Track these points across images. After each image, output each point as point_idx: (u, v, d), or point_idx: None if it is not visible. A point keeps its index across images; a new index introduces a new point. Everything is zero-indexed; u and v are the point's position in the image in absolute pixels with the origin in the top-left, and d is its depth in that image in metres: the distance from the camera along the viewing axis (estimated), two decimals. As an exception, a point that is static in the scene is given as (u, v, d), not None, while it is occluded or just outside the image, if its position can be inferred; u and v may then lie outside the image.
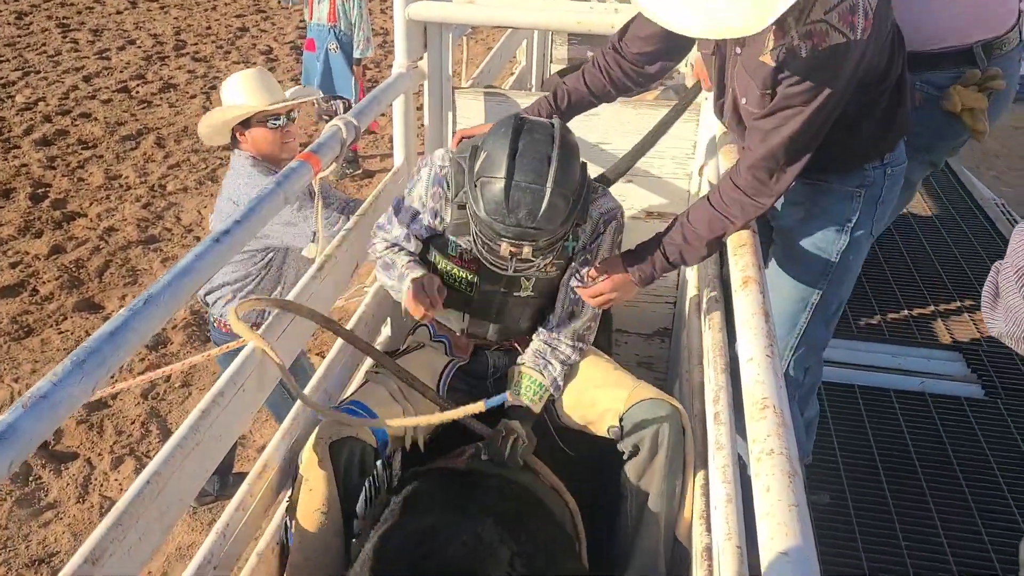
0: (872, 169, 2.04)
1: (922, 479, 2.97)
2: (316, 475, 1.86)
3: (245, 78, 2.79)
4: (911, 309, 4.07)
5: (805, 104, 1.70)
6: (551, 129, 1.88)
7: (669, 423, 1.97)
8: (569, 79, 2.29)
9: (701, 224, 1.92)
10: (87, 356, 1.26)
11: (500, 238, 1.86)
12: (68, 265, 5.37)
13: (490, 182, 1.83)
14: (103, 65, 9.49)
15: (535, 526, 1.75)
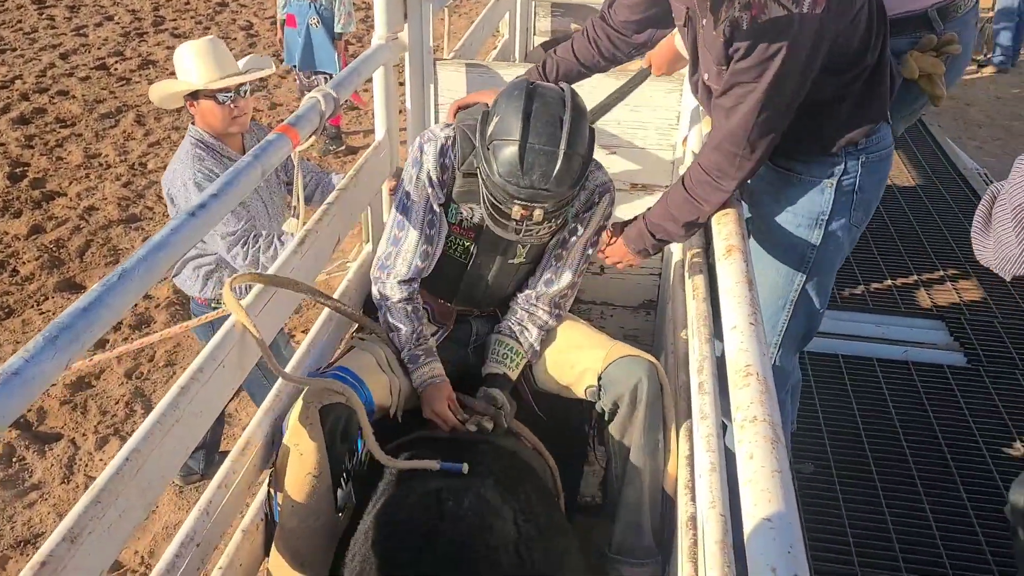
0: (844, 157, 1.96)
1: (905, 447, 2.99)
2: (306, 439, 1.84)
3: (193, 50, 2.70)
4: (894, 279, 4.09)
5: (756, 80, 1.68)
6: (562, 93, 1.90)
7: (647, 379, 2.01)
8: (559, 49, 2.28)
9: (676, 207, 1.93)
10: (59, 332, 1.23)
11: (513, 200, 1.88)
12: (48, 245, 5.30)
13: (504, 144, 1.84)
14: (80, 42, 9.34)
15: (528, 486, 1.78)
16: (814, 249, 2.03)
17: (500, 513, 1.64)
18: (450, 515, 1.59)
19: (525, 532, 1.64)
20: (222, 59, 2.72)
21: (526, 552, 1.60)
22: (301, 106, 2.19)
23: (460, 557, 1.52)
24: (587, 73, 2.29)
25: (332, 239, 2.37)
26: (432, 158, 2.08)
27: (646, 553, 2.08)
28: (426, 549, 1.54)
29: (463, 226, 2.14)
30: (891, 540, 2.61)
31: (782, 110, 1.73)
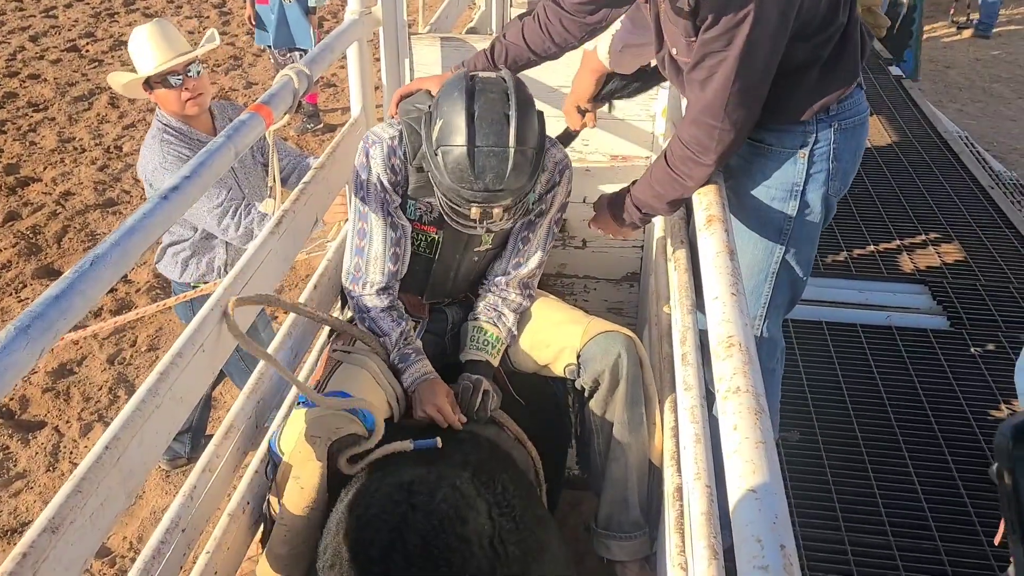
0: (815, 126, 1.89)
1: (890, 411, 3.01)
2: (310, 472, 1.76)
3: (140, 37, 2.63)
4: (877, 244, 4.10)
5: (725, 48, 1.64)
6: (504, 85, 1.84)
7: (626, 354, 2.00)
8: (509, 33, 2.19)
9: (659, 183, 1.89)
10: (32, 321, 1.21)
11: (468, 203, 1.83)
12: (25, 232, 5.24)
13: (451, 150, 1.79)
14: (50, 24, 9.17)
15: (507, 477, 1.75)
16: (791, 221, 1.98)
17: (474, 506, 1.61)
18: (421, 508, 1.56)
19: (500, 525, 1.62)
20: (171, 41, 2.64)
21: (501, 546, 1.58)
22: (274, 84, 2.16)
23: (430, 551, 1.50)
24: (537, 61, 2.20)
25: (310, 219, 2.35)
26: (380, 162, 2.00)
27: (633, 526, 2.09)
28: (395, 543, 1.51)
29: (423, 221, 2.08)
30: (877, 504, 2.63)
31: (757, 78, 1.69)
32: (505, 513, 1.64)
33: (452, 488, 1.60)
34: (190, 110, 2.67)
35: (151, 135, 2.70)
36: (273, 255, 2.08)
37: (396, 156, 2.01)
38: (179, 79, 2.62)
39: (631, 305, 3.30)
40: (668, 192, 1.87)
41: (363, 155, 2.03)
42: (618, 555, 2.10)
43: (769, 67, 1.69)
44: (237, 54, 8.25)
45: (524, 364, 2.18)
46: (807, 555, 2.44)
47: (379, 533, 1.53)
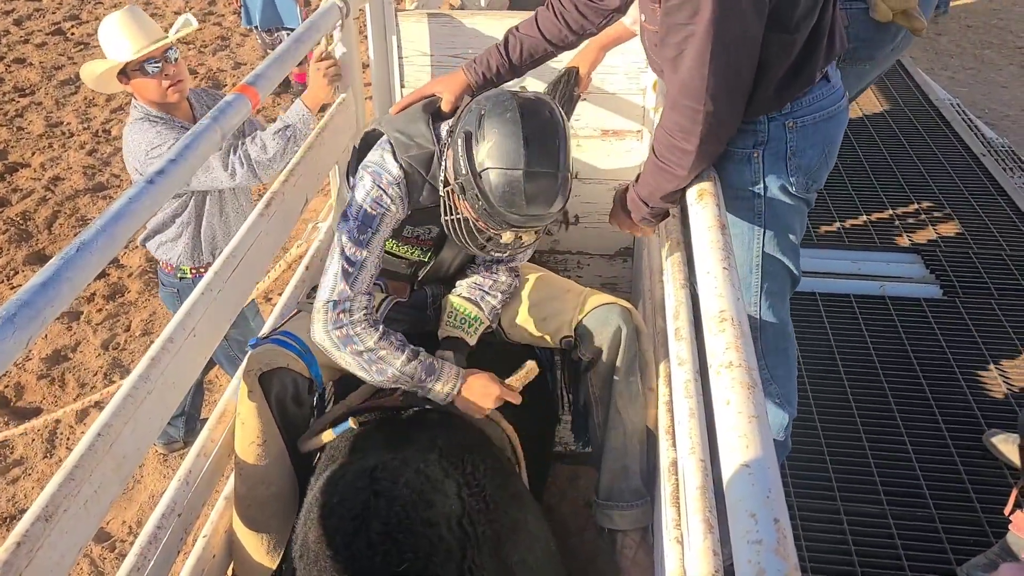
0: (767, 123, 1.81)
1: (883, 380, 3.02)
2: (247, 407, 1.83)
3: (110, 26, 2.56)
4: (869, 214, 4.10)
5: (691, 20, 1.55)
6: (550, 106, 1.77)
7: (624, 325, 1.99)
8: (522, 25, 2.10)
9: (653, 176, 1.81)
10: (18, 309, 1.20)
11: (510, 227, 1.76)
12: (15, 218, 5.20)
13: (503, 172, 1.68)
14: (34, 7, 9.05)
15: (477, 455, 1.74)
16: (760, 217, 1.92)
17: (441, 488, 1.59)
18: (384, 494, 1.54)
19: (470, 506, 1.60)
20: (144, 27, 2.56)
21: (471, 526, 1.57)
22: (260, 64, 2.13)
23: (394, 537, 1.48)
24: (554, 51, 2.12)
25: (300, 200, 2.33)
26: (399, 201, 1.89)
27: (634, 495, 2.09)
28: (359, 531, 1.50)
29: (420, 239, 2.05)
30: (871, 472, 2.65)
31: (737, 51, 1.60)
32: (475, 493, 1.63)
33: (416, 472, 1.59)
34: (171, 97, 2.61)
35: (134, 122, 2.63)
36: (264, 237, 2.07)
37: (410, 197, 1.92)
38: (157, 66, 2.56)
39: (625, 280, 3.29)
40: (662, 185, 1.80)
41: (377, 190, 1.87)
42: (620, 524, 2.11)
43: (749, 37, 1.60)
44: (224, 35, 8.16)
45: (518, 336, 2.16)
46: (802, 525, 2.46)
47: (342, 521, 1.52)
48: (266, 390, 1.84)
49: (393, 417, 1.88)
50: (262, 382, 1.84)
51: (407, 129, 1.92)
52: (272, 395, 1.84)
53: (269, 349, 1.87)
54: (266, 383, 1.84)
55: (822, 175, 1.91)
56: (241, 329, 3.01)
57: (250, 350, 1.90)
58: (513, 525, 1.68)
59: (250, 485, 1.87)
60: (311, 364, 1.91)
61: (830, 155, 1.89)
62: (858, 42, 2.18)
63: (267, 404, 1.84)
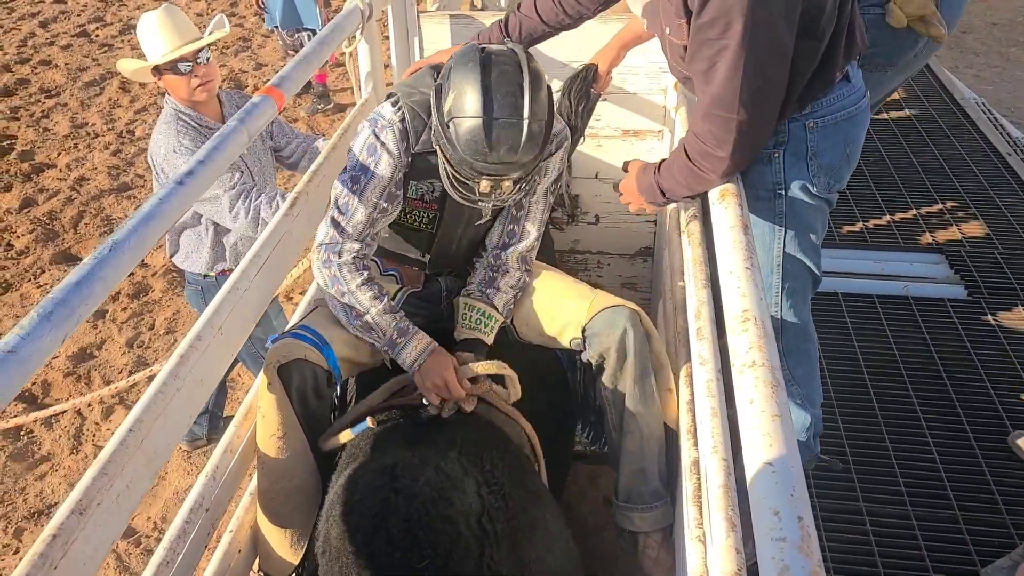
0: (787, 124, 1.82)
1: (907, 381, 3.00)
2: (267, 400, 1.86)
3: (149, 23, 2.63)
4: (893, 214, 4.06)
5: (723, 35, 1.56)
6: (516, 57, 1.81)
7: (632, 328, 1.99)
8: (523, 5, 2.17)
9: (681, 173, 1.83)
10: (54, 307, 1.22)
11: (480, 176, 1.81)
12: (41, 218, 5.27)
13: (465, 121, 1.76)
14: (60, 9, 9.17)
15: (496, 453, 1.75)
16: (781, 218, 1.93)
17: (460, 486, 1.60)
18: (403, 491, 1.56)
19: (488, 504, 1.61)
20: (180, 27, 2.64)
21: (489, 524, 1.58)
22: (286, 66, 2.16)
23: (414, 534, 1.50)
24: (551, 32, 2.18)
25: (323, 201, 2.35)
26: (394, 147, 1.95)
27: (653, 496, 2.09)
28: (379, 529, 1.52)
29: (425, 200, 2.07)
30: (895, 473, 2.63)
31: (770, 63, 1.61)
32: (494, 491, 1.64)
33: (436, 470, 1.60)
34: (199, 96, 2.67)
35: (164, 120, 2.70)
36: (288, 238, 2.10)
37: (407, 141, 1.98)
38: (188, 66, 2.62)
39: (645, 280, 3.30)
40: (691, 184, 1.82)
41: (372, 137, 1.96)
42: (640, 526, 2.11)
43: (782, 48, 1.60)
44: (246, 36, 8.23)
45: (529, 336, 2.18)
46: (825, 525, 2.45)
47: (363, 519, 1.54)
48: (286, 383, 1.87)
49: (413, 415, 1.90)
50: (281, 375, 1.86)
51: (413, 82, 2.03)
52: (292, 388, 1.87)
53: (286, 342, 1.90)
54: (285, 376, 1.87)
55: (844, 175, 1.90)
56: (264, 327, 3.04)
57: (270, 345, 1.93)
58: (532, 523, 1.69)
59: (273, 479, 1.90)
60: (329, 356, 1.93)
61: (852, 155, 1.89)
62: (876, 48, 2.16)
63: (287, 396, 1.87)
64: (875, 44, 2.16)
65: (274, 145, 2.97)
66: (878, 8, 2.21)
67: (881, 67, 2.29)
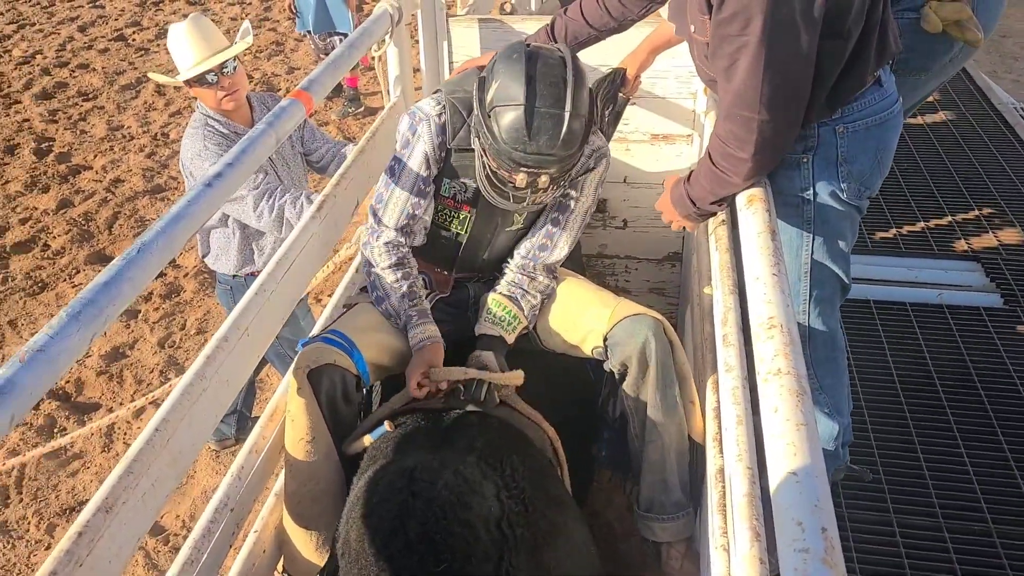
0: (816, 128, 1.79)
1: (940, 391, 2.95)
2: (296, 404, 1.87)
3: (177, 35, 2.67)
4: (927, 220, 4.00)
5: (742, 32, 1.54)
6: (562, 54, 1.84)
7: (654, 338, 1.98)
8: (570, 9, 2.18)
9: (707, 179, 1.81)
10: (82, 308, 1.24)
11: (519, 167, 1.81)
12: (77, 218, 5.36)
13: (507, 109, 1.77)
14: (98, 14, 9.33)
15: (518, 458, 1.74)
16: (809, 224, 1.90)
17: (479, 490, 1.59)
18: (422, 495, 1.55)
19: (508, 508, 1.60)
20: (207, 37, 2.67)
21: (509, 529, 1.57)
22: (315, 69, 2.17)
23: (431, 538, 1.49)
24: (598, 36, 2.19)
25: (351, 203, 2.37)
26: (428, 139, 2.00)
27: (676, 507, 2.08)
28: (396, 531, 1.51)
29: (458, 200, 2.08)
30: (927, 485, 2.59)
31: (792, 61, 1.58)
32: (514, 495, 1.63)
33: (455, 473, 1.59)
34: (227, 106, 2.70)
35: (192, 125, 2.74)
36: (315, 240, 2.11)
37: (444, 135, 2.01)
38: (215, 77, 2.65)
39: (673, 285, 3.28)
40: (716, 190, 1.80)
41: (409, 131, 2.03)
42: (662, 536, 2.10)
43: (803, 48, 1.58)
44: (279, 40, 8.31)
45: (552, 344, 2.17)
46: (854, 537, 2.41)
47: (381, 521, 1.54)
48: (315, 388, 1.87)
49: (434, 418, 1.90)
50: (311, 380, 1.87)
51: (458, 80, 2.07)
52: (322, 392, 1.87)
53: (317, 347, 1.91)
54: (315, 380, 1.87)
55: (875, 182, 1.87)
56: (292, 328, 3.06)
57: (300, 349, 1.93)
58: (552, 529, 1.68)
59: (300, 481, 1.90)
60: (358, 361, 1.94)
61: (883, 161, 1.85)
62: (910, 52, 2.13)
63: (316, 401, 1.87)
64: (909, 49, 2.13)
65: (304, 150, 2.99)
66: (912, 12, 2.18)
67: (915, 72, 2.26)
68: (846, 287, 2.00)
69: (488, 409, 1.94)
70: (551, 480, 1.88)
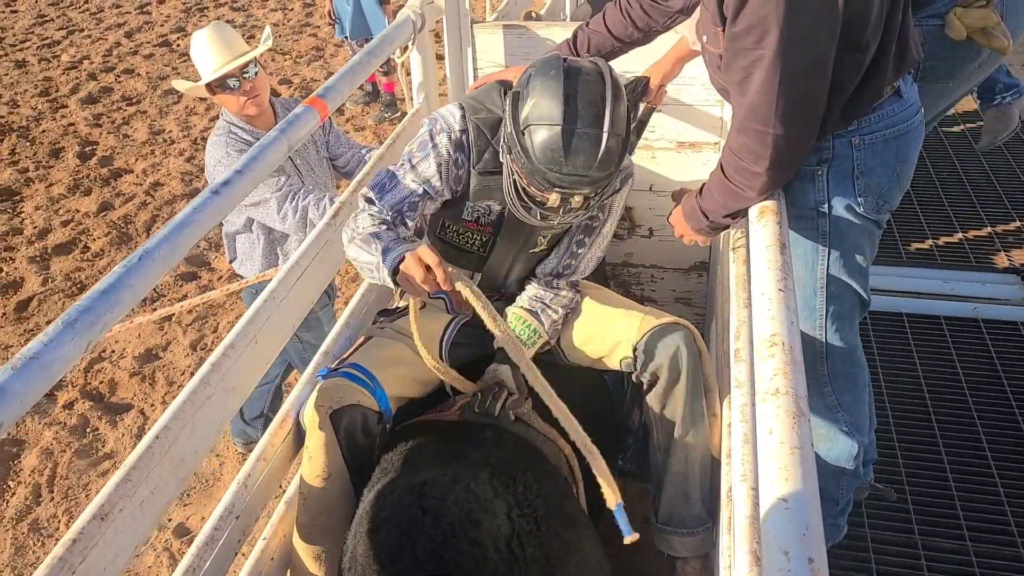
0: (831, 140, 1.75)
1: (972, 409, 2.86)
2: (316, 440, 1.83)
3: (198, 42, 2.69)
4: (965, 231, 3.88)
5: (757, 46, 1.50)
6: (599, 68, 1.77)
7: (685, 347, 1.93)
8: (592, 21, 2.14)
9: (719, 192, 1.76)
10: (79, 315, 1.25)
11: (553, 187, 1.75)
12: (117, 221, 5.46)
13: (543, 128, 1.70)
14: (144, 20, 9.53)
15: (532, 475, 1.71)
16: (824, 237, 1.84)
17: (489, 508, 1.56)
18: (431, 512, 1.53)
19: (519, 527, 1.57)
20: (229, 43, 2.69)
21: (519, 548, 1.54)
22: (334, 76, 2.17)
23: (440, 556, 1.47)
24: (622, 48, 2.13)
25: (368, 210, 2.36)
26: (444, 152, 1.92)
27: (696, 522, 2.04)
28: (404, 548, 1.49)
29: (481, 222, 2.03)
30: (955, 506, 2.50)
31: (809, 75, 1.54)
32: (526, 514, 1.60)
33: (466, 490, 1.57)
34: (249, 110, 2.72)
35: (216, 132, 2.76)
36: (329, 246, 2.11)
37: (462, 152, 1.93)
38: (236, 81, 2.67)
39: (699, 295, 3.23)
40: (729, 204, 1.75)
41: (427, 135, 1.93)
42: (680, 551, 2.06)
43: (820, 62, 1.53)
44: (319, 45, 8.40)
45: (578, 358, 2.13)
46: (876, 559, 2.35)
47: (389, 537, 1.52)
48: (335, 423, 1.83)
49: (448, 432, 1.88)
50: (332, 419, 1.83)
51: (479, 96, 1.98)
52: (342, 428, 1.83)
53: (340, 384, 1.86)
54: (336, 419, 1.83)
55: (894, 195, 1.81)
56: (315, 333, 3.07)
57: (320, 380, 1.89)
58: (565, 547, 1.65)
59: (313, 515, 1.88)
60: (381, 399, 1.90)
61: (903, 174, 1.79)
62: (936, 60, 2.06)
63: (336, 440, 1.83)
64: (935, 56, 2.07)
65: (330, 155, 3.01)
66: (937, 19, 2.11)
67: (942, 80, 2.19)
68: (865, 302, 1.94)
69: (503, 424, 1.91)
70: (566, 498, 1.84)
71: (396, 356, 2.01)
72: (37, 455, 3.63)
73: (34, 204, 5.71)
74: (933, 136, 4.62)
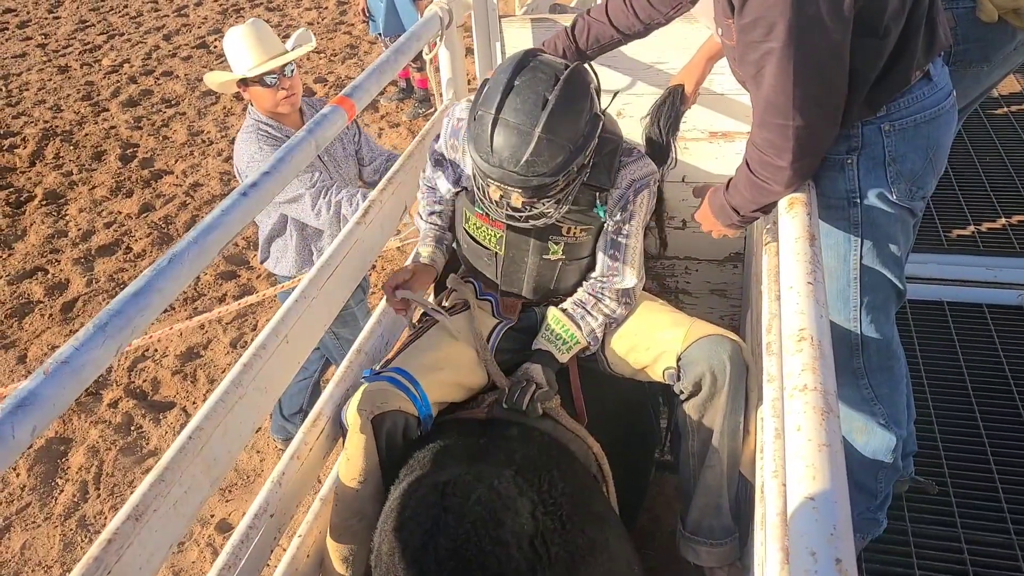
0: (860, 127, 1.71)
1: (1017, 399, 2.79)
2: (355, 443, 1.83)
3: (235, 37, 2.71)
4: (1009, 217, 3.78)
5: (766, 38, 1.47)
6: (558, 69, 1.73)
7: (731, 360, 1.88)
8: (594, 9, 2.09)
9: (745, 187, 1.74)
10: (109, 319, 1.27)
11: (486, 178, 1.77)
12: (158, 222, 5.55)
13: (481, 116, 1.73)
14: (182, 23, 9.66)
15: (558, 473, 1.70)
16: (857, 227, 1.80)
17: (513, 506, 1.55)
18: (453, 510, 1.53)
19: (544, 525, 1.56)
20: (265, 41, 2.71)
21: (543, 547, 1.53)
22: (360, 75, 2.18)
23: (461, 555, 1.47)
24: (622, 39, 2.08)
25: (399, 208, 2.37)
26: (443, 136, 2.05)
27: (724, 532, 2.02)
28: (427, 546, 1.49)
29: (491, 217, 2.02)
30: (999, 499, 2.44)
31: (823, 63, 1.50)
32: (550, 512, 1.59)
33: (489, 488, 1.56)
34: (283, 108, 2.75)
35: (245, 130, 2.79)
36: (360, 245, 2.12)
37: (455, 138, 2.01)
38: (275, 78, 2.69)
39: (735, 287, 3.19)
40: (756, 197, 1.72)
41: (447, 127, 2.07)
42: (708, 561, 2.04)
43: (833, 50, 1.50)
44: (354, 43, 8.45)
45: (621, 368, 2.08)
46: (917, 552, 2.30)
47: (412, 536, 1.52)
48: (377, 428, 1.84)
49: (475, 429, 1.88)
50: (373, 423, 1.83)
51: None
52: (383, 431, 1.84)
53: (383, 389, 1.86)
54: (377, 423, 1.84)
55: (928, 181, 1.76)
56: (351, 328, 3.10)
57: (364, 382, 1.89)
58: (591, 546, 1.64)
59: (345, 516, 1.89)
60: (423, 406, 1.89)
61: (936, 159, 1.75)
62: (968, 44, 2.01)
63: (375, 445, 1.84)
64: (967, 40, 2.02)
65: (359, 159, 3.03)
66: (968, 2, 2.06)
67: (976, 63, 2.13)
68: (901, 293, 1.90)
69: (531, 421, 1.90)
70: (594, 496, 1.83)
71: (441, 359, 1.99)
72: (84, 453, 3.72)
73: (78, 207, 5.83)
74: (975, 119, 4.50)
